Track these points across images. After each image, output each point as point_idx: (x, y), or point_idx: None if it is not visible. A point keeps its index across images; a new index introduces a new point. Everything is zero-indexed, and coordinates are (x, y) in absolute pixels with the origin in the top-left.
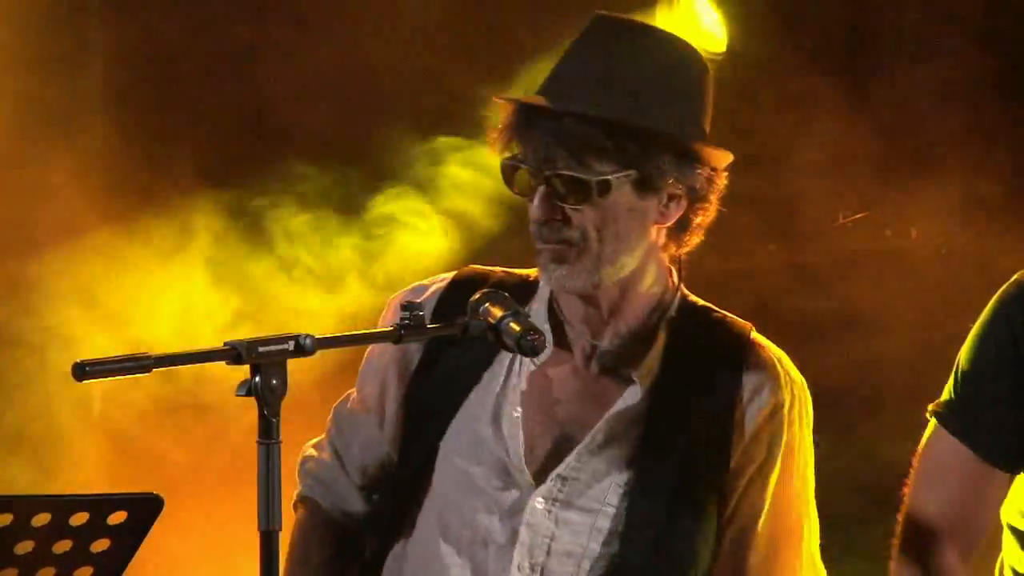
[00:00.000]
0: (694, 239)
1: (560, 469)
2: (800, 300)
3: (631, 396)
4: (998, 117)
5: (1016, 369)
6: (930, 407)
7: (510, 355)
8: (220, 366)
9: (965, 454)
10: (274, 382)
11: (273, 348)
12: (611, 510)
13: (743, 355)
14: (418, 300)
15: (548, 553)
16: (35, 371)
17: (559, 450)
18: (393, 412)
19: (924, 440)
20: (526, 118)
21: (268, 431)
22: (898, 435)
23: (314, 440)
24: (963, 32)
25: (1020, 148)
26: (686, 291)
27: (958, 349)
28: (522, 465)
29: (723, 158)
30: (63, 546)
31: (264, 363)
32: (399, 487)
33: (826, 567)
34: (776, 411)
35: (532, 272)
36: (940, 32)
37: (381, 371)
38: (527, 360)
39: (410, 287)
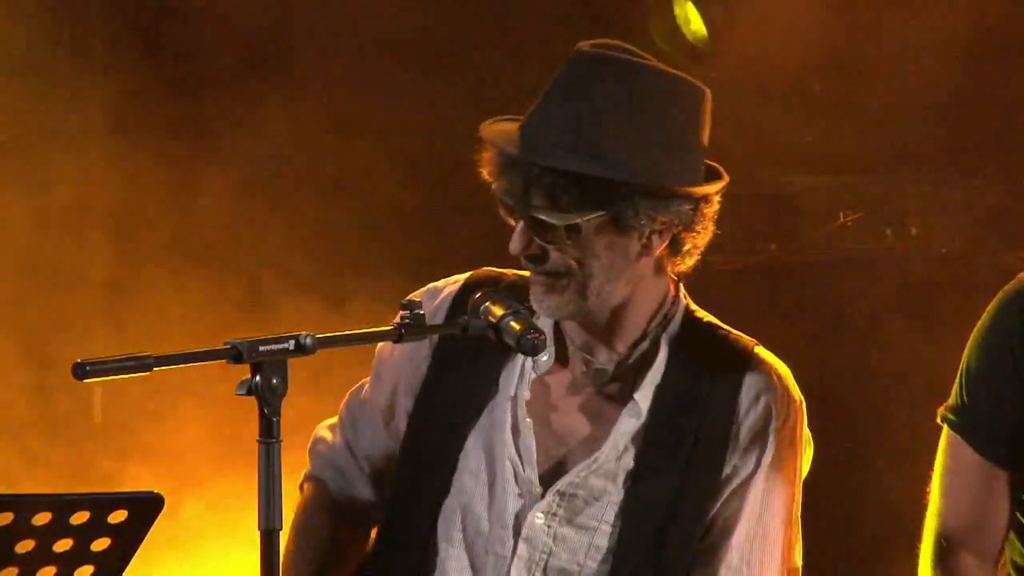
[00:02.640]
0: (690, 260)
1: (560, 485)
2: (801, 299)
3: (633, 415)
4: (999, 117)
5: (1015, 369)
6: (939, 411)
7: (518, 364)
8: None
9: (973, 457)
10: (274, 381)
11: (273, 347)
12: (608, 528)
13: (744, 370)
14: (433, 303)
15: (544, 569)
16: None
17: (559, 465)
18: (402, 417)
19: (940, 444)
20: (506, 158)
21: (268, 430)
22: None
23: (327, 421)
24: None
25: (1020, 148)
26: (692, 306)
27: (962, 350)
28: (534, 476)
29: (709, 190)
30: (64, 545)
31: (264, 362)
32: (414, 490)
33: None
34: (768, 425)
35: None
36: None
37: (392, 375)
38: (529, 369)
39: (424, 289)
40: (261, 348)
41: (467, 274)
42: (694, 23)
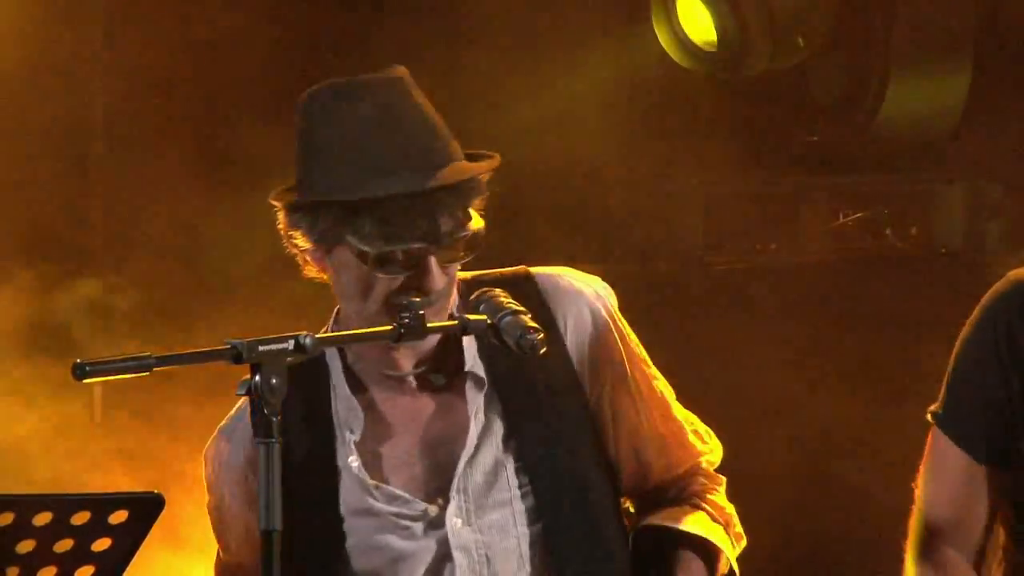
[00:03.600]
0: None
1: (455, 484)
2: (801, 299)
3: (476, 385)
4: (998, 115)
5: (1000, 368)
6: (929, 408)
7: (336, 438)
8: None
9: (958, 453)
10: (274, 381)
11: (273, 347)
12: (518, 490)
13: (539, 293)
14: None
15: (489, 561)
16: None
17: (440, 473)
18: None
19: (927, 441)
20: (392, 206)
21: (268, 430)
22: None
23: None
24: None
25: (1020, 147)
26: None
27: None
28: (422, 504)
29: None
30: (64, 545)
31: (264, 362)
32: None
33: None
34: (596, 322)
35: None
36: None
37: (240, 518)
38: (349, 437)
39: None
40: (261, 348)
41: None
42: (700, 25)
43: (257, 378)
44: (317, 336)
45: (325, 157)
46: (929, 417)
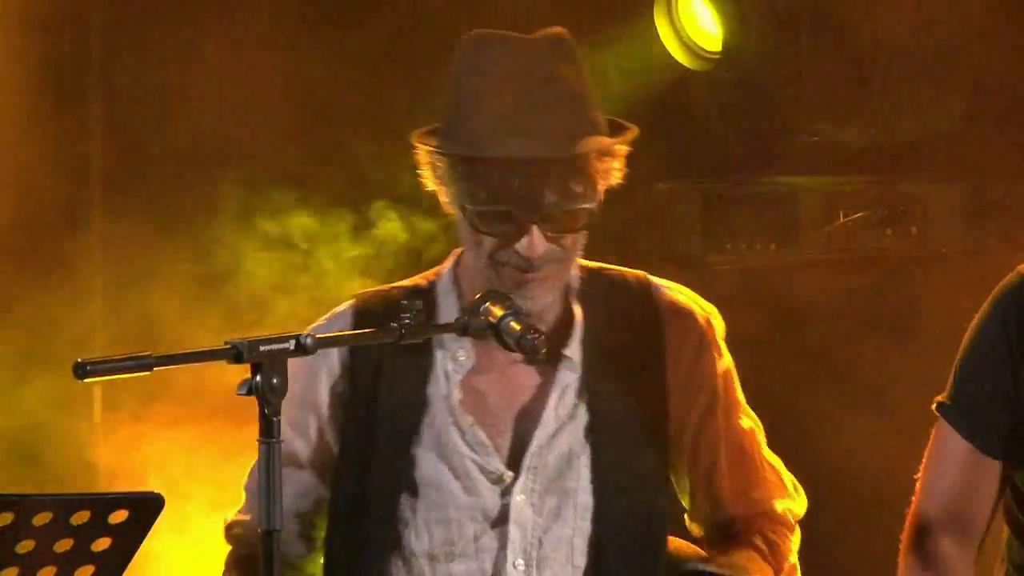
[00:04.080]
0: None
1: (528, 461)
2: (801, 299)
3: (569, 372)
4: (1000, 114)
5: (1010, 360)
6: (935, 399)
7: (439, 369)
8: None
9: (964, 446)
10: (275, 381)
11: (274, 347)
12: (587, 484)
13: (654, 304)
14: (333, 330)
15: (540, 544)
16: None
17: (519, 443)
18: (331, 458)
19: (932, 433)
20: (499, 165)
21: (269, 430)
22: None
23: (232, 510)
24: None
25: (1021, 147)
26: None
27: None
28: (500, 464)
29: (634, 129)
30: (64, 545)
31: (265, 362)
32: (370, 526)
33: None
34: (701, 347)
35: (420, 279)
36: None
37: (307, 421)
38: (452, 371)
39: (314, 324)
40: (261, 348)
41: (349, 303)
42: (701, 24)
43: (258, 378)
44: (318, 336)
45: (455, 106)
46: (935, 408)
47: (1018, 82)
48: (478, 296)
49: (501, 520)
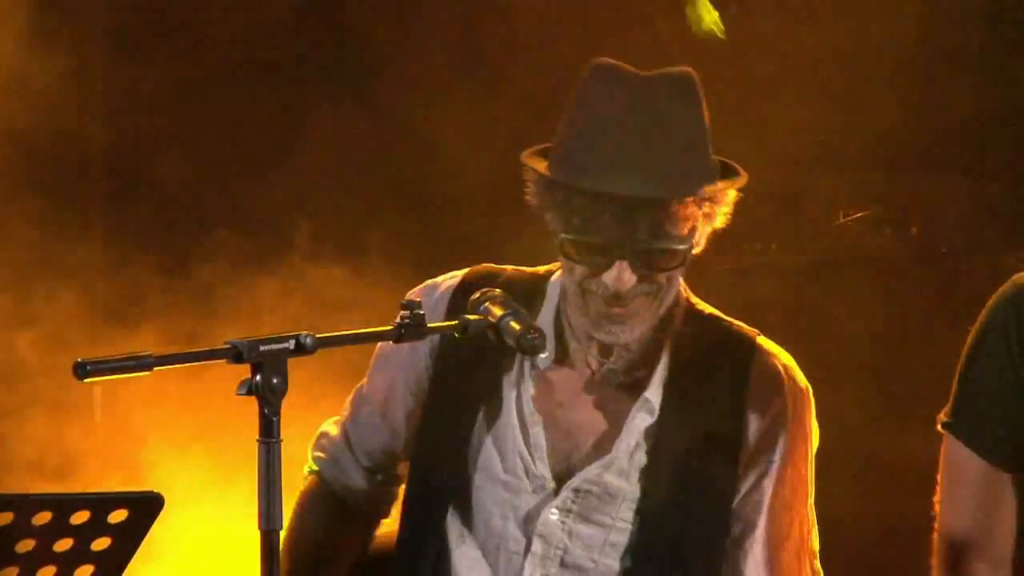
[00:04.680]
0: (699, 250)
1: (575, 482)
2: (801, 299)
3: (646, 411)
4: (999, 114)
5: (1013, 370)
6: (939, 417)
7: (520, 360)
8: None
9: (975, 459)
10: (275, 381)
11: (274, 347)
12: (624, 525)
13: (749, 364)
14: (432, 298)
15: (560, 565)
16: None
17: (570, 461)
18: (399, 413)
19: (942, 451)
20: (598, 198)
21: (269, 430)
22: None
23: (332, 418)
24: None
25: (1021, 147)
26: (693, 299)
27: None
28: (546, 472)
29: (744, 179)
30: (64, 545)
31: (265, 362)
32: (426, 489)
33: None
34: (778, 420)
35: (542, 269)
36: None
37: (391, 371)
38: (528, 368)
39: (422, 286)
40: (261, 348)
41: (464, 270)
42: (707, 20)
43: (258, 378)
44: (318, 336)
45: (564, 131)
46: (940, 427)
47: (1019, 82)
48: (477, 295)
49: (529, 527)
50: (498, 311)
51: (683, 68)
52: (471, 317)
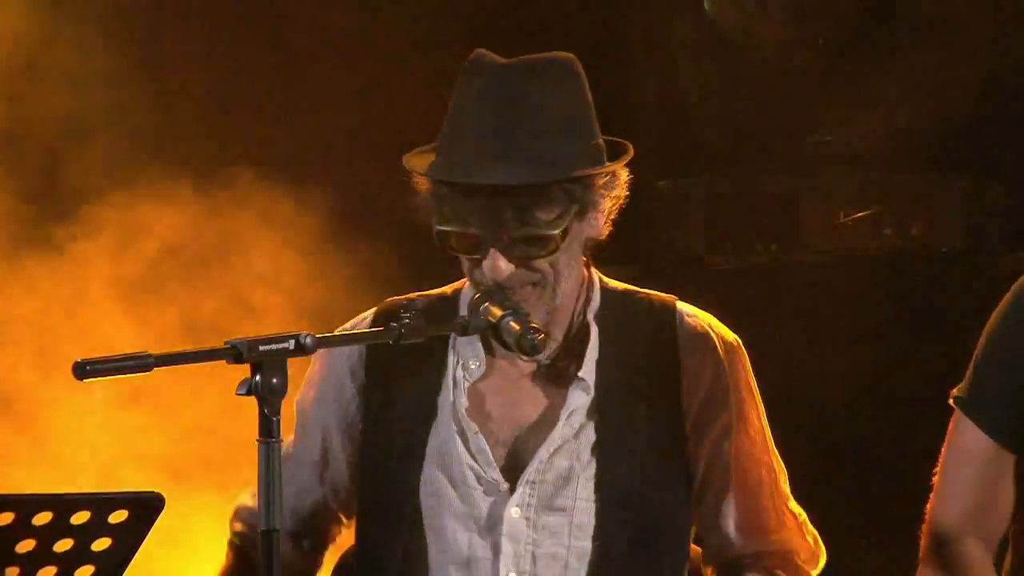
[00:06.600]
0: (606, 230)
1: (527, 475)
2: (801, 299)
3: (582, 394)
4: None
5: None
6: (952, 392)
7: (449, 376)
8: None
9: (982, 439)
10: (274, 381)
11: (273, 347)
12: (586, 505)
13: (674, 327)
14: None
15: (534, 560)
16: None
17: (519, 456)
18: (339, 462)
19: (949, 428)
20: (462, 189)
21: (269, 430)
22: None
23: (248, 489)
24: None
25: (1021, 147)
26: (604, 279)
27: (961, 350)
28: (497, 475)
29: (628, 157)
30: (64, 545)
31: (265, 362)
32: (381, 528)
33: None
34: (718, 377)
35: (449, 288)
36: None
37: (322, 426)
38: (461, 378)
39: (340, 328)
40: (261, 348)
41: (372, 309)
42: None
43: (257, 378)
44: (318, 336)
45: (445, 124)
46: (951, 402)
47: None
48: (477, 296)
49: (494, 532)
50: (498, 311)
51: (558, 52)
52: (471, 317)
